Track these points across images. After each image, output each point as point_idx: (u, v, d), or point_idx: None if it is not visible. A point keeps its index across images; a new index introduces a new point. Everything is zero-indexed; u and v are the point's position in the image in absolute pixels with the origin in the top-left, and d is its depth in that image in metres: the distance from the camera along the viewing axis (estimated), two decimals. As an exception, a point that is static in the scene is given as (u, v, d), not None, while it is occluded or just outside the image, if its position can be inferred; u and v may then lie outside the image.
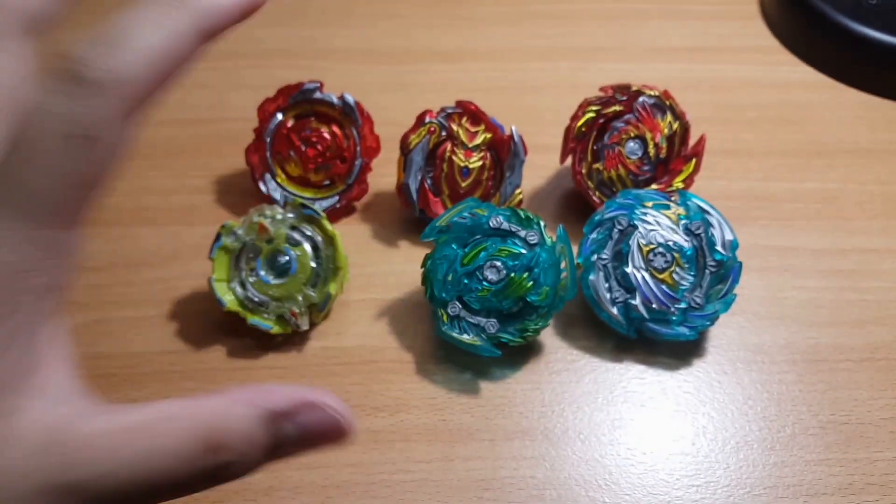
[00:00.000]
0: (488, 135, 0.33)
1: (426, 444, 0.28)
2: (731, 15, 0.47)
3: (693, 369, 0.30)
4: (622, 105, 0.33)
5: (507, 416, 0.29)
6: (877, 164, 0.38)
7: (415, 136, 0.33)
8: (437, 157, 0.33)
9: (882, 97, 0.42)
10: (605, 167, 0.33)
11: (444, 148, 0.33)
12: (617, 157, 0.33)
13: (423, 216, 0.34)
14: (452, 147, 0.33)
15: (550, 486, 0.27)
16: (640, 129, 0.33)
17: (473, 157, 0.33)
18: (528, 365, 0.30)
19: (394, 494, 0.26)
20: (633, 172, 0.33)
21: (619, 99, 0.33)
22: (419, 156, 0.33)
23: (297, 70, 0.43)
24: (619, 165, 0.33)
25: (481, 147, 0.33)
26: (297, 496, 0.26)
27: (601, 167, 0.33)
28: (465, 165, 0.33)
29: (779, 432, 0.28)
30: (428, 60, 0.44)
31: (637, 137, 0.33)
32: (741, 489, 0.27)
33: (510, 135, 0.33)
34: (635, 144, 0.33)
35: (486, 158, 0.33)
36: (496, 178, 0.34)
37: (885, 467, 0.27)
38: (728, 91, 0.42)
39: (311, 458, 0.27)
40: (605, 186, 0.34)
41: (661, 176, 0.34)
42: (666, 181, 0.33)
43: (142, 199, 0.36)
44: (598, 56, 0.44)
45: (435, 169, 0.33)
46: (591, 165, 0.34)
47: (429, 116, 0.33)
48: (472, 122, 0.33)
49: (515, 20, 0.47)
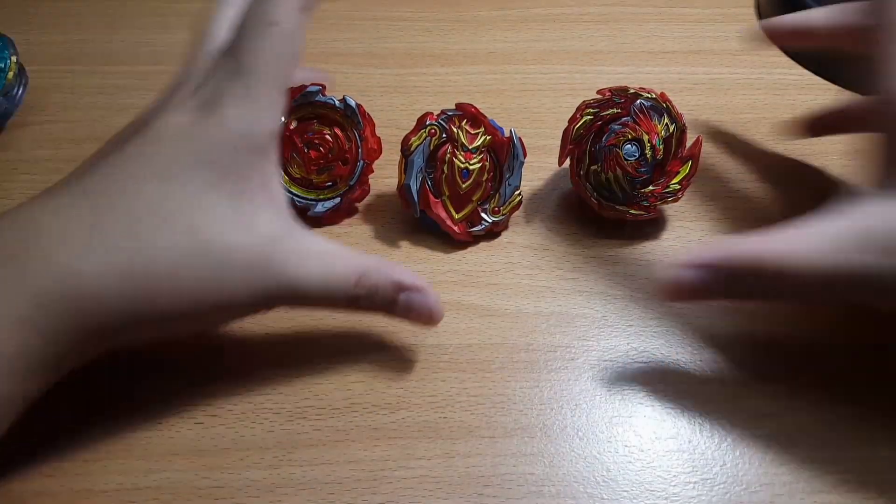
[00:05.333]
0: (488, 137, 0.34)
1: (427, 441, 0.28)
2: (727, 18, 0.48)
3: (691, 367, 0.31)
4: (619, 108, 0.33)
5: (507, 414, 0.29)
6: (873, 166, 0.38)
7: (415, 139, 0.33)
8: (437, 158, 0.34)
9: (877, 99, 0.42)
10: (603, 169, 0.33)
11: (445, 150, 0.34)
12: (614, 159, 0.33)
13: (424, 217, 0.34)
14: (453, 149, 0.34)
15: (549, 482, 0.27)
16: (637, 132, 0.33)
17: (473, 158, 0.33)
18: (527, 363, 0.30)
19: (395, 491, 0.27)
20: (631, 174, 0.33)
21: (616, 101, 0.34)
22: (420, 158, 0.33)
23: (298, 72, 0.43)
24: (616, 167, 0.33)
25: (481, 149, 0.34)
26: (300, 492, 0.27)
27: (599, 169, 0.34)
28: (465, 167, 0.33)
29: (777, 430, 0.29)
30: (428, 63, 0.44)
31: (634, 140, 0.33)
32: (738, 486, 0.27)
33: (509, 137, 0.34)
34: (632, 147, 0.33)
35: (485, 160, 0.34)
36: (495, 179, 0.34)
37: (885, 465, 0.28)
38: (724, 93, 0.43)
39: (312, 455, 0.27)
40: (604, 188, 0.34)
41: (658, 178, 0.34)
42: (663, 183, 0.34)
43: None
44: (595, 59, 0.45)
45: (435, 171, 0.34)
46: (589, 167, 0.34)
47: (429, 119, 0.34)
48: (471, 124, 0.34)
49: (515, 24, 0.47)
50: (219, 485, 0.27)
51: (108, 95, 0.42)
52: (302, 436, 0.28)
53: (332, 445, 0.28)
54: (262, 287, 0.25)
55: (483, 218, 0.34)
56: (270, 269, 0.25)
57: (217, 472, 0.27)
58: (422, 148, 0.33)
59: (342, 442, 0.28)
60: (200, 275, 0.24)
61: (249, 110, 0.26)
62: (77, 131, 0.40)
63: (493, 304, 0.33)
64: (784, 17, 0.34)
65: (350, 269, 0.27)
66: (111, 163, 0.25)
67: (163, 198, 0.24)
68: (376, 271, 0.27)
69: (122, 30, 0.47)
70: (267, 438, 0.28)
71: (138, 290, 0.24)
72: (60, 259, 0.23)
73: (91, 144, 0.40)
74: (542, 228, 0.36)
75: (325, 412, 0.29)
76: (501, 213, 0.34)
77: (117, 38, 0.46)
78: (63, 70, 0.44)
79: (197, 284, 0.24)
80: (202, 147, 0.25)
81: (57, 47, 0.45)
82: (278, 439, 0.28)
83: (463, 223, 0.34)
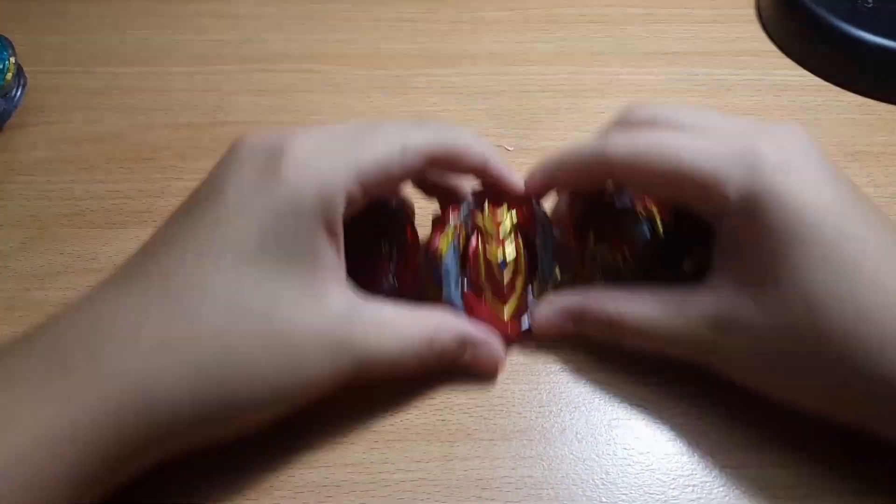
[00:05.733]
0: (513, 211, 0.30)
1: (425, 444, 0.28)
2: (727, 19, 0.47)
3: (689, 371, 0.30)
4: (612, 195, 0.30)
5: (506, 417, 0.29)
6: (873, 167, 0.38)
7: (443, 243, 0.29)
8: (468, 258, 0.30)
9: (879, 100, 0.42)
10: (608, 252, 0.30)
11: (475, 247, 0.30)
12: (620, 241, 0.30)
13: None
14: (483, 245, 0.30)
15: (548, 485, 0.27)
16: (647, 209, 0.30)
17: (508, 246, 0.30)
18: (526, 365, 0.30)
19: (393, 494, 0.27)
20: (639, 257, 0.30)
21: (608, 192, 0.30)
22: (452, 263, 0.29)
23: (299, 73, 0.44)
24: (623, 249, 0.30)
25: (511, 233, 0.30)
26: (298, 495, 0.26)
27: (603, 251, 0.30)
28: (502, 259, 0.30)
29: (775, 433, 0.28)
30: (429, 64, 0.44)
31: (644, 218, 0.30)
32: (737, 489, 0.27)
33: (532, 211, 0.30)
34: (641, 225, 0.30)
35: (518, 245, 0.30)
36: (530, 260, 0.30)
37: (884, 472, 0.27)
38: (724, 94, 0.43)
39: (310, 457, 0.27)
40: (609, 270, 0.30)
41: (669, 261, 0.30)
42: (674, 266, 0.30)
43: (145, 200, 0.37)
44: (596, 60, 0.45)
45: (470, 272, 0.30)
46: (593, 248, 0.30)
47: (451, 218, 0.30)
48: (494, 204, 0.30)
49: (515, 25, 0.47)
50: (219, 487, 0.27)
51: (107, 97, 0.42)
52: (300, 439, 0.28)
53: (331, 448, 0.28)
54: (342, 365, 0.25)
55: (530, 306, 0.30)
56: (349, 347, 0.25)
57: (216, 473, 0.27)
58: (452, 253, 0.29)
59: (340, 444, 0.28)
60: (279, 361, 0.24)
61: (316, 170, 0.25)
62: (76, 132, 0.40)
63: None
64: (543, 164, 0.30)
65: (420, 332, 0.27)
66: (178, 244, 0.24)
67: (234, 285, 0.24)
68: (445, 331, 0.27)
69: (121, 31, 0.46)
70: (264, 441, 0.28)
71: (213, 386, 0.23)
72: (129, 364, 0.22)
73: (90, 145, 0.40)
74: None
75: (324, 414, 0.29)
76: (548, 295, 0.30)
77: (116, 40, 0.46)
78: (62, 71, 0.43)
79: (276, 372, 0.24)
80: (268, 219, 0.24)
81: (56, 48, 0.45)
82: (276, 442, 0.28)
83: (513, 320, 0.30)
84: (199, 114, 0.41)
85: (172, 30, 0.46)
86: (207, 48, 0.45)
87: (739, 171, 0.25)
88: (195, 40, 0.46)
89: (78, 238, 0.35)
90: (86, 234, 0.35)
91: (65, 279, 0.33)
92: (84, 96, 0.42)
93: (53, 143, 0.39)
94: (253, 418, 0.25)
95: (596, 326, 0.29)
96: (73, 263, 0.34)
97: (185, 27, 0.47)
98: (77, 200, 0.37)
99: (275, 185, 0.24)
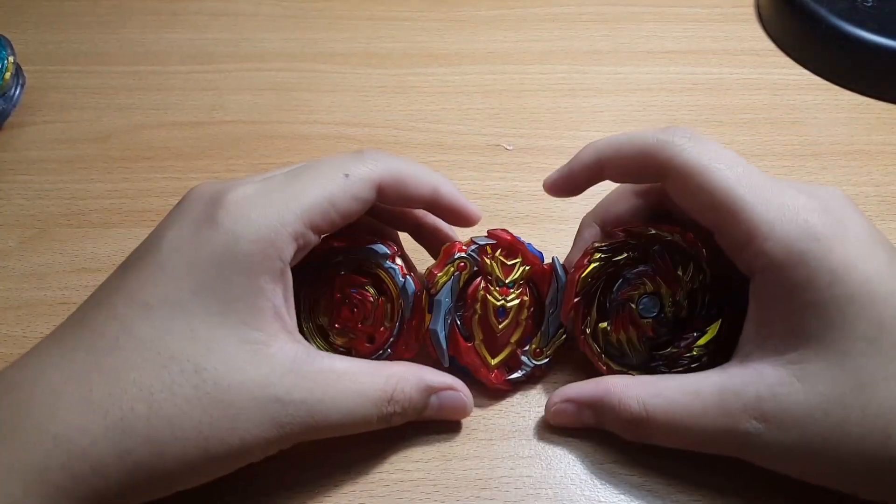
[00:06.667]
0: (526, 268, 0.29)
1: (424, 444, 0.28)
2: (726, 18, 0.47)
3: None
4: (635, 251, 0.28)
5: (504, 416, 0.29)
6: (872, 166, 0.38)
7: (442, 274, 0.28)
8: (467, 296, 0.28)
9: (877, 99, 0.42)
10: (614, 328, 0.28)
11: (477, 286, 0.28)
12: (627, 318, 0.28)
13: (453, 362, 0.29)
14: (486, 285, 0.28)
15: (547, 484, 0.27)
16: (656, 284, 0.28)
17: (511, 294, 0.28)
18: (525, 365, 0.30)
19: (392, 493, 0.27)
20: (648, 336, 0.28)
21: (630, 244, 0.28)
22: (448, 297, 0.28)
23: (297, 72, 0.44)
24: (629, 327, 0.28)
25: (519, 282, 0.29)
26: (296, 495, 0.26)
27: (608, 328, 0.28)
28: (502, 305, 0.28)
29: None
30: (427, 63, 0.44)
31: (652, 293, 0.28)
32: (737, 491, 0.27)
33: (551, 265, 0.29)
34: (650, 301, 0.28)
35: (524, 294, 0.29)
36: (535, 315, 0.29)
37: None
38: (723, 93, 0.43)
39: (308, 457, 0.27)
40: (614, 349, 0.28)
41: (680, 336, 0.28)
42: (686, 346, 0.28)
43: (144, 200, 0.37)
44: (595, 59, 0.45)
45: (466, 309, 0.29)
46: (597, 324, 0.28)
47: (457, 251, 0.28)
48: (507, 253, 0.29)
49: (514, 23, 0.47)
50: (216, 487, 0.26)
51: (106, 96, 0.42)
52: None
53: (330, 448, 0.28)
54: (284, 425, 0.23)
55: (523, 362, 0.29)
56: (294, 403, 0.23)
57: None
58: (450, 284, 0.28)
59: (339, 444, 0.28)
60: (211, 418, 0.22)
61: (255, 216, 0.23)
62: (74, 131, 0.40)
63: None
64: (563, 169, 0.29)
65: (379, 387, 0.25)
66: (111, 299, 0.23)
67: (166, 335, 0.22)
68: (406, 382, 0.26)
69: (119, 30, 0.46)
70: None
71: (139, 443, 0.21)
72: (52, 428, 0.21)
73: (88, 145, 0.40)
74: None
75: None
76: (545, 356, 0.29)
77: (114, 39, 0.46)
78: (60, 70, 0.43)
79: (207, 430, 0.22)
80: (204, 267, 0.23)
81: (54, 47, 0.45)
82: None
83: (500, 369, 0.29)
84: (197, 113, 0.41)
85: (171, 29, 0.46)
86: (205, 47, 0.45)
87: (785, 224, 0.23)
88: (193, 40, 0.46)
89: (76, 237, 0.35)
90: (84, 233, 0.35)
91: (63, 278, 0.33)
92: (83, 96, 0.42)
93: (52, 142, 0.39)
94: (189, 480, 0.23)
95: (618, 424, 0.26)
96: (72, 262, 0.34)
97: (184, 27, 0.47)
98: (75, 200, 0.37)
99: (211, 233, 0.23)
